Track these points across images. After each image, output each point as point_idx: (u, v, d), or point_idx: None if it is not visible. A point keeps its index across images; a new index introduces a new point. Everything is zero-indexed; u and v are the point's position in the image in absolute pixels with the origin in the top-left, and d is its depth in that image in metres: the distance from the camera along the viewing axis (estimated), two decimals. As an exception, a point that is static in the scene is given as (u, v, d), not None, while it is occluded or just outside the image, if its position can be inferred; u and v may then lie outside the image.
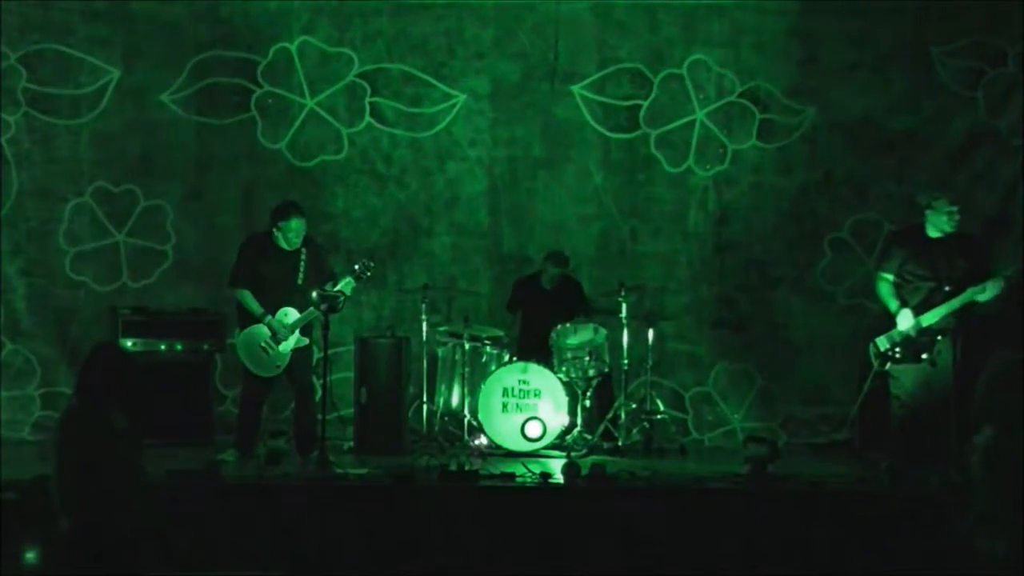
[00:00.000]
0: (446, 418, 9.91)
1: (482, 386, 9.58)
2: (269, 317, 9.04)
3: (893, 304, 8.61)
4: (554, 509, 7.83)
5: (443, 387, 9.90)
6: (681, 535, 7.63)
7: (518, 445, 9.45)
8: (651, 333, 9.98)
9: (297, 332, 9.11)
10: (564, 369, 9.63)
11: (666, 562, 7.54)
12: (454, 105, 10.59)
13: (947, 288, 8.48)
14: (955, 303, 8.44)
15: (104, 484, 5.81)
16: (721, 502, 7.90)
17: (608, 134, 10.62)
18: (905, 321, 8.53)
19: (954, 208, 8.59)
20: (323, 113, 10.54)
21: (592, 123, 10.60)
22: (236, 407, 9.58)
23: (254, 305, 9.08)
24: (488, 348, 9.84)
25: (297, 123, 10.53)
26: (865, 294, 9.50)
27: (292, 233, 9.09)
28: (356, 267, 9.12)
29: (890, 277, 8.69)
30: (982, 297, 8.42)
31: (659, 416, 10.03)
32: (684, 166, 10.61)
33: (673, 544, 7.60)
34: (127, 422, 5.97)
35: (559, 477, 8.29)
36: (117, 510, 5.82)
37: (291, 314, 9.09)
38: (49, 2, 10.33)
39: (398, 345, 9.80)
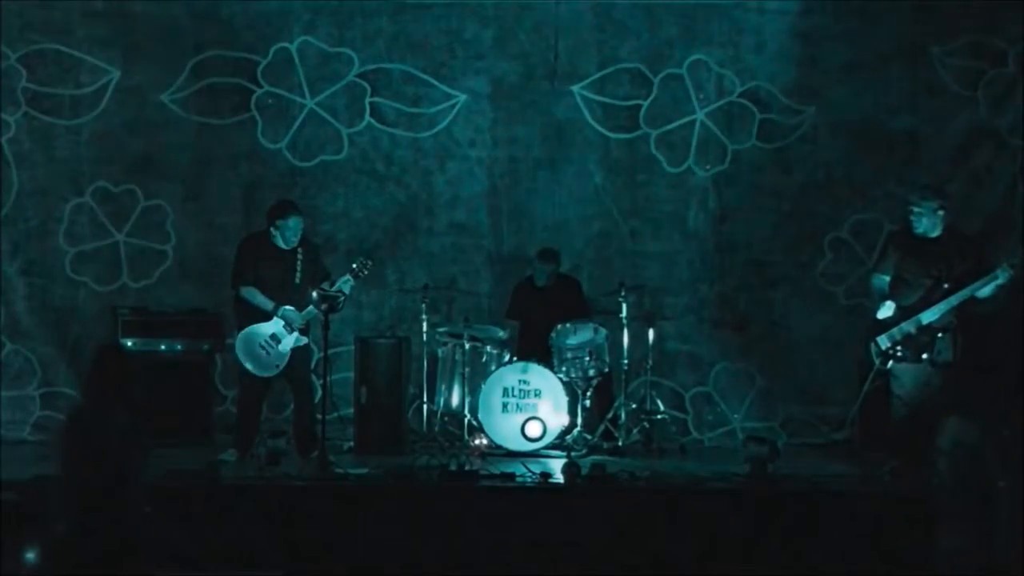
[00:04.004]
0: (446, 418, 9.91)
1: (482, 386, 9.58)
2: (282, 308, 9.03)
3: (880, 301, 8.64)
4: (554, 509, 7.82)
5: (443, 387, 9.89)
6: (681, 535, 7.62)
7: (518, 445, 9.44)
8: (651, 333, 9.97)
9: (296, 332, 9.10)
10: (564, 369, 9.63)
11: (666, 562, 7.54)
12: (454, 105, 10.59)
13: (946, 285, 8.47)
14: (955, 299, 8.42)
15: (108, 485, 5.82)
16: (721, 502, 7.89)
17: (608, 134, 10.62)
18: (885, 311, 8.53)
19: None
20: (323, 113, 10.55)
21: (592, 123, 10.61)
22: (236, 407, 9.58)
23: (263, 300, 9.07)
24: (488, 348, 9.84)
25: (297, 123, 10.54)
26: (865, 294, 9.49)
27: (290, 232, 9.09)
28: (354, 266, 9.12)
29: (887, 278, 8.69)
30: (985, 292, 8.40)
31: (659, 416, 10.03)
32: (684, 166, 10.61)
33: (673, 544, 7.59)
34: (131, 423, 5.98)
35: (559, 477, 8.29)
36: (120, 511, 5.83)
37: (291, 314, 9.09)
38: (49, 2, 10.35)
39: (398, 345, 9.80)
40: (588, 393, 9.68)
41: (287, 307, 9.05)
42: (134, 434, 5.97)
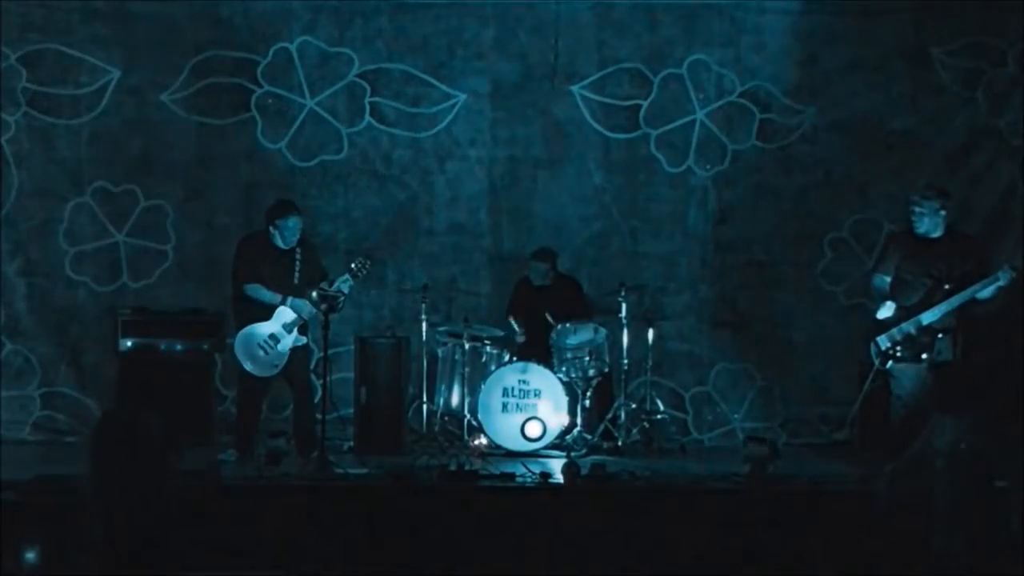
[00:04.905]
0: (446, 418, 9.92)
1: (482, 386, 9.59)
2: (291, 299, 9.03)
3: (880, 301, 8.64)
4: (554, 509, 7.82)
5: (443, 387, 9.90)
6: (681, 535, 7.62)
7: (518, 445, 9.45)
8: (651, 333, 9.97)
9: (296, 331, 9.11)
10: (564, 369, 9.63)
11: (666, 562, 7.54)
12: (454, 105, 10.59)
13: (947, 286, 8.48)
14: (956, 300, 8.42)
15: (142, 488, 5.82)
16: (721, 502, 7.90)
17: (608, 134, 10.62)
18: (885, 311, 8.52)
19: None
20: (323, 113, 10.55)
21: (592, 123, 10.61)
22: (236, 407, 9.58)
23: (268, 294, 9.06)
24: (488, 348, 9.84)
25: (297, 123, 10.54)
26: (865, 294, 9.50)
27: (290, 232, 9.09)
28: (353, 266, 9.12)
29: (887, 278, 8.69)
30: (986, 293, 8.39)
31: (659, 416, 10.03)
32: (684, 166, 10.61)
33: (673, 544, 7.59)
34: (160, 425, 5.97)
35: (559, 477, 8.30)
36: (153, 512, 5.83)
37: (290, 313, 9.09)
38: (49, 2, 10.34)
39: (398, 345, 9.81)
40: (588, 393, 9.68)
41: (277, 313, 9.04)
42: (166, 435, 5.97)
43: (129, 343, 9.85)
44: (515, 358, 9.82)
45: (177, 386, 9.29)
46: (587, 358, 9.61)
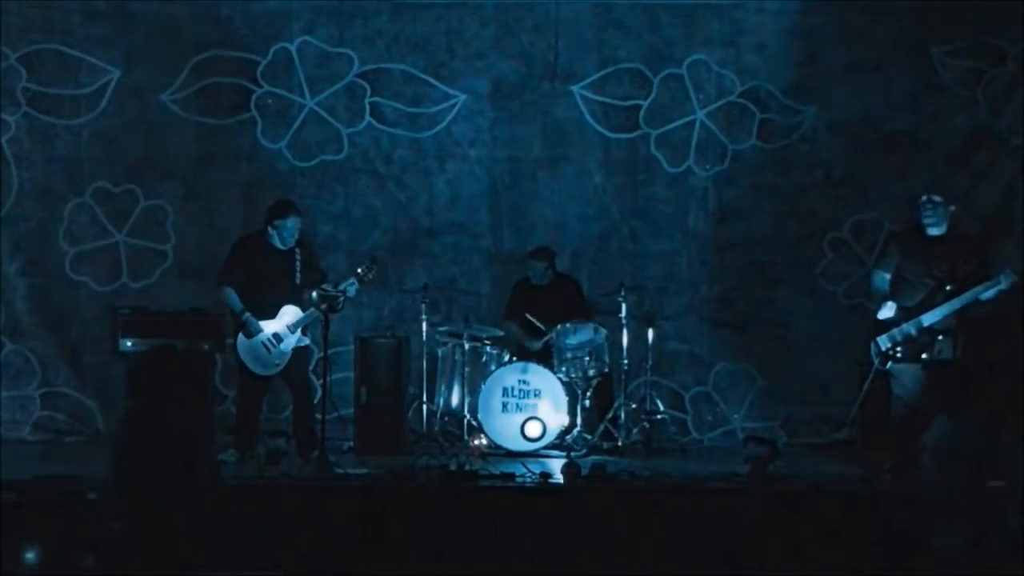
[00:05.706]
0: (446, 418, 9.92)
1: (482, 386, 9.59)
2: (247, 315, 9.04)
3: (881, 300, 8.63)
4: (554, 509, 7.82)
5: (443, 387, 9.90)
6: (681, 535, 7.62)
7: (518, 445, 9.45)
8: (651, 333, 9.98)
9: (299, 331, 9.11)
10: (564, 369, 9.64)
11: (666, 562, 7.54)
12: (454, 105, 10.60)
13: (948, 287, 8.47)
14: (957, 303, 8.41)
15: (162, 485, 5.82)
16: (721, 502, 7.89)
17: (608, 134, 10.62)
18: (886, 311, 8.52)
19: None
20: (323, 113, 10.55)
21: (592, 123, 10.61)
22: (236, 407, 9.57)
23: (235, 302, 9.08)
24: (488, 348, 9.84)
25: (297, 123, 10.54)
26: (865, 294, 9.49)
27: (288, 232, 9.10)
28: (359, 270, 9.13)
29: (887, 275, 8.69)
30: (987, 295, 8.39)
31: (659, 416, 10.03)
32: (684, 166, 10.61)
33: (673, 544, 7.59)
34: (190, 422, 5.96)
35: (559, 477, 8.29)
36: (174, 511, 5.84)
37: (294, 313, 9.09)
38: (49, 2, 10.35)
39: (398, 345, 9.81)
40: (588, 393, 9.68)
41: (280, 312, 9.05)
42: (195, 433, 5.98)
43: (130, 343, 9.83)
44: (515, 358, 9.83)
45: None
46: (587, 358, 9.61)
